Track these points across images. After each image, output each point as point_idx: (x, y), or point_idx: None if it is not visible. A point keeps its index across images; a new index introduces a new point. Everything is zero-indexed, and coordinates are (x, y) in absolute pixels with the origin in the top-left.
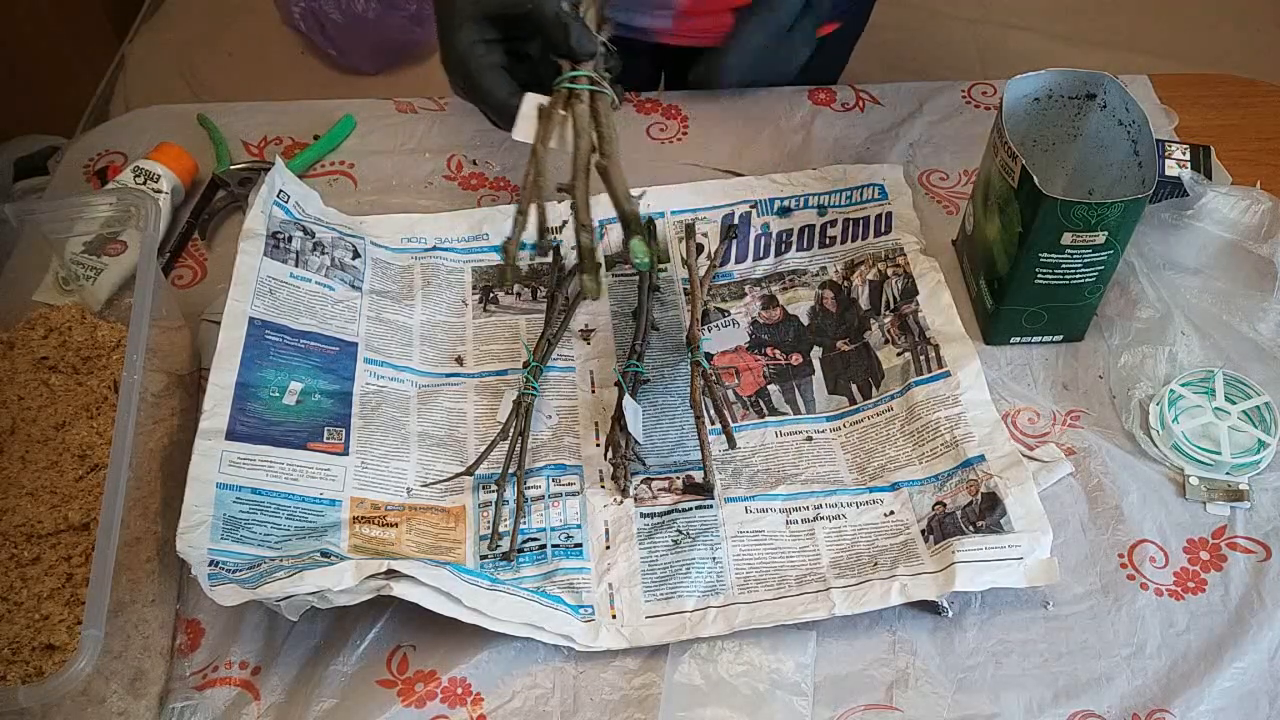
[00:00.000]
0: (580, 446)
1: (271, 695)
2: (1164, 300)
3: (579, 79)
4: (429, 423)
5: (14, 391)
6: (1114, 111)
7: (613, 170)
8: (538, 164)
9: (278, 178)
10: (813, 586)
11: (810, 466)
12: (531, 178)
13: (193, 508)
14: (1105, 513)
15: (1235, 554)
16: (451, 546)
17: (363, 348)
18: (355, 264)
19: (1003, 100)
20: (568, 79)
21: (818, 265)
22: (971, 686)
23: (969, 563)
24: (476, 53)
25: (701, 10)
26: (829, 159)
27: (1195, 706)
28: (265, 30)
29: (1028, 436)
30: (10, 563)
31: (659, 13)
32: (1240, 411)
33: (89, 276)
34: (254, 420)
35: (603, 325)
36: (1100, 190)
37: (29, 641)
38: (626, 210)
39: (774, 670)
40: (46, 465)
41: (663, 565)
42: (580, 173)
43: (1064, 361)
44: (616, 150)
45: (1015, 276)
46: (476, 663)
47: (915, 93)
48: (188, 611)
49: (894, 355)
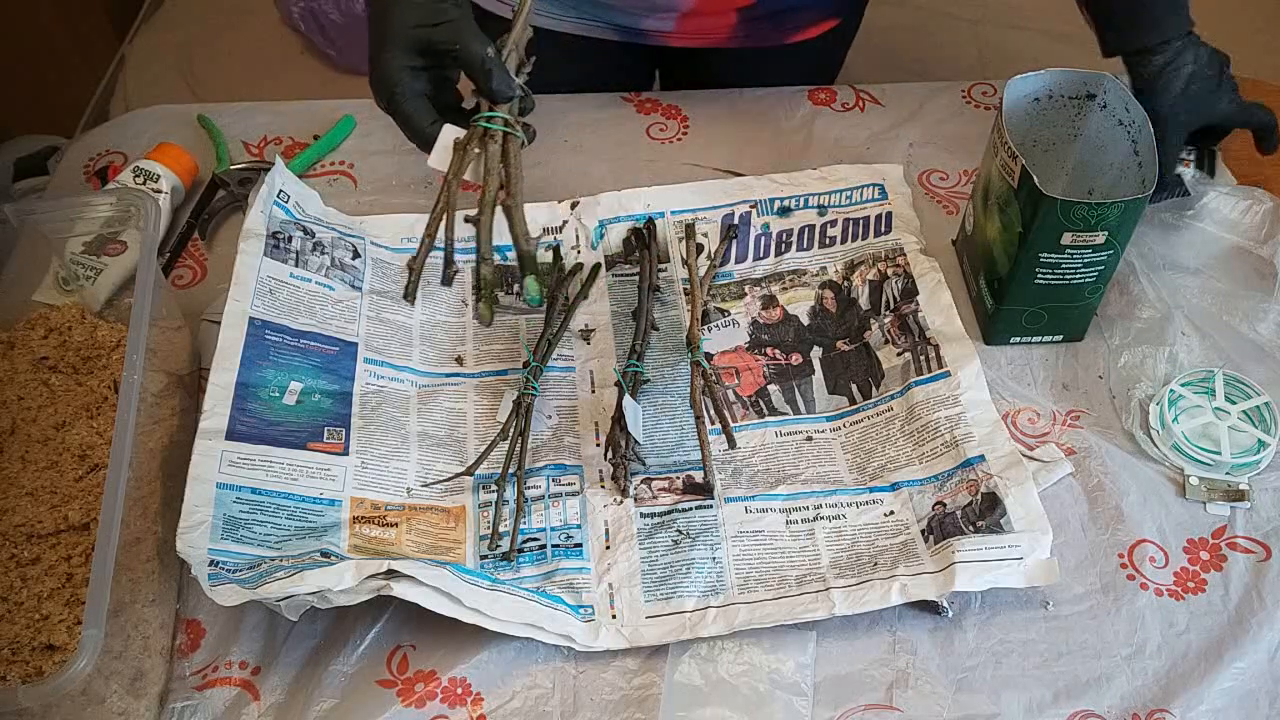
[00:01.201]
0: (580, 446)
1: (271, 695)
2: (1164, 300)
3: (495, 119)
4: (429, 423)
5: (14, 391)
6: (1114, 111)
7: (515, 211)
8: (449, 194)
9: (277, 178)
10: (813, 586)
11: (810, 466)
12: (440, 205)
13: (193, 508)
14: (1105, 513)
15: (1235, 554)
16: (451, 546)
17: (362, 348)
18: (355, 264)
19: (1003, 100)
20: (484, 118)
21: (818, 265)
22: (971, 686)
23: (969, 563)
24: (403, 79)
25: (706, 11)
26: (829, 159)
27: (1195, 706)
28: (265, 30)
29: (1028, 436)
30: (10, 563)
31: (661, 15)
32: (1240, 411)
33: (89, 276)
34: (254, 420)
35: (603, 325)
36: (1100, 190)
37: (29, 641)
38: (523, 250)
39: (774, 670)
40: (46, 465)
41: (663, 565)
42: (486, 208)
43: (1064, 361)
44: (521, 191)
45: (1015, 276)
46: (476, 663)
47: (915, 93)
48: (188, 611)
49: (894, 355)
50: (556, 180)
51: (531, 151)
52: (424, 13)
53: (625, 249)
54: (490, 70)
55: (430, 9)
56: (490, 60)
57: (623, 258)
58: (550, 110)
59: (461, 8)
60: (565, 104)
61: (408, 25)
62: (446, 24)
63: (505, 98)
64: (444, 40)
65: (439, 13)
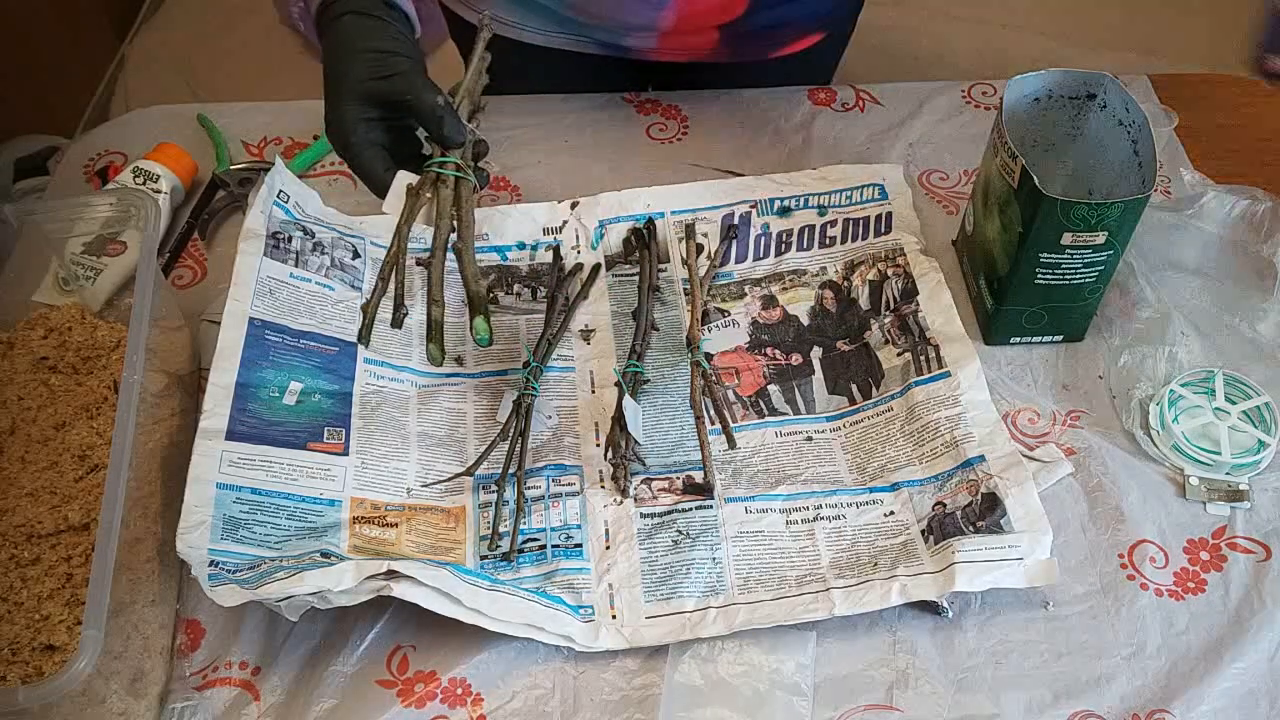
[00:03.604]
0: (580, 446)
1: (271, 695)
2: (1164, 300)
3: (447, 164)
4: (429, 423)
5: (14, 391)
6: (1114, 111)
7: (465, 254)
8: (400, 239)
9: (277, 178)
10: (813, 587)
11: (810, 467)
12: (394, 251)
13: (193, 508)
14: (1105, 513)
15: (1235, 554)
16: (451, 547)
17: (362, 348)
18: (355, 264)
19: (1003, 100)
20: (436, 164)
21: (818, 265)
22: (971, 687)
23: (969, 563)
24: (358, 130)
25: (686, 29)
26: (829, 159)
27: (1195, 707)
28: (265, 30)
29: (1028, 436)
30: (10, 563)
31: (642, 34)
32: (1240, 412)
33: (89, 276)
34: (254, 420)
35: (603, 325)
36: (1100, 190)
37: (29, 641)
38: (473, 291)
39: (774, 670)
40: (46, 465)
41: (663, 565)
42: (438, 250)
43: (1064, 361)
44: (471, 235)
45: (1015, 276)
46: (476, 663)
47: (915, 93)
48: (188, 611)
49: (894, 355)
50: (556, 180)
51: (531, 152)
52: (375, 66)
53: (625, 249)
54: (442, 118)
55: (381, 62)
56: (441, 109)
57: (623, 258)
58: (549, 110)
59: (413, 58)
60: (564, 104)
61: (360, 78)
62: (397, 75)
63: (456, 144)
64: (396, 91)
65: (390, 65)
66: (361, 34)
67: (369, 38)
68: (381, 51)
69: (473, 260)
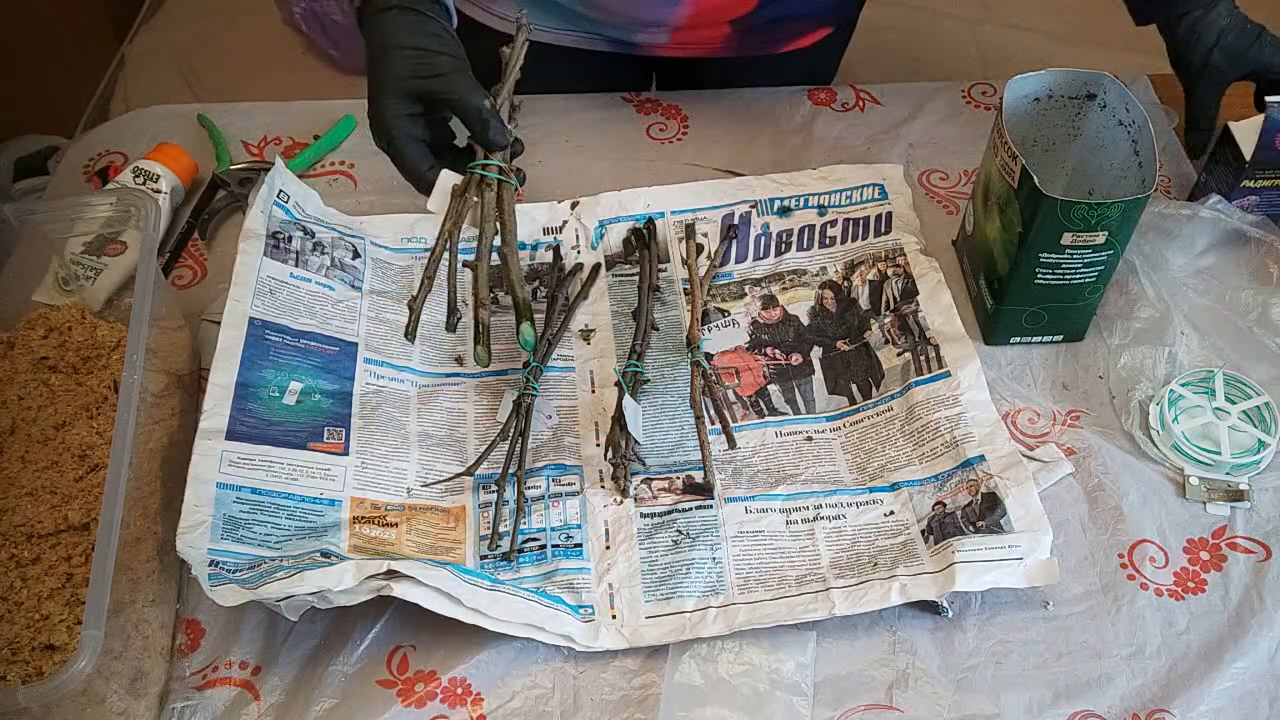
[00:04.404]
0: (580, 446)
1: (271, 695)
2: (1164, 300)
3: (490, 167)
4: (429, 423)
5: (14, 391)
6: (1114, 111)
7: (510, 257)
8: (451, 243)
9: (277, 178)
10: (813, 587)
11: (810, 466)
12: (439, 249)
13: (193, 508)
14: (1105, 513)
15: (1235, 554)
16: (451, 546)
17: (362, 348)
18: (355, 264)
19: (1003, 100)
20: (480, 166)
21: (818, 265)
22: (971, 686)
23: (969, 563)
24: (401, 124)
25: (699, 25)
26: (829, 159)
27: (1195, 707)
28: (265, 30)
29: (1028, 436)
30: (10, 563)
31: (654, 30)
32: (1240, 411)
33: (89, 276)
34: (254, 420)
35: (603, 325)
36: (1100, 190)
37: (29, 641)
38: (518, 296)
39: (774, 670)
40: (46, 465)
41: (663, 565)
42: (484, 254)
43: (1064, 361)
44: (515, 238)
45: (1015, 276)
46: (476, 663)
47: (915, 93)
48: (188, 611)
49: (894, 355)
50: (556, 180)
51: (531, 151)
52: (419, 64)
53: (625, 249)
54: (487, 121)
55: (426, 61)
56: (487, 111)
57: (623, 258)
58: (550, 110)
59: (456, 57)
60: (565, 104)
61: (404, 75)
62: (442, 76)
63: (501, 147)
64: (441, 91)
65: (434, 65)
66: (405, 30)
67: (412, 34)
68: (425, 49)
69: (518, 264)
